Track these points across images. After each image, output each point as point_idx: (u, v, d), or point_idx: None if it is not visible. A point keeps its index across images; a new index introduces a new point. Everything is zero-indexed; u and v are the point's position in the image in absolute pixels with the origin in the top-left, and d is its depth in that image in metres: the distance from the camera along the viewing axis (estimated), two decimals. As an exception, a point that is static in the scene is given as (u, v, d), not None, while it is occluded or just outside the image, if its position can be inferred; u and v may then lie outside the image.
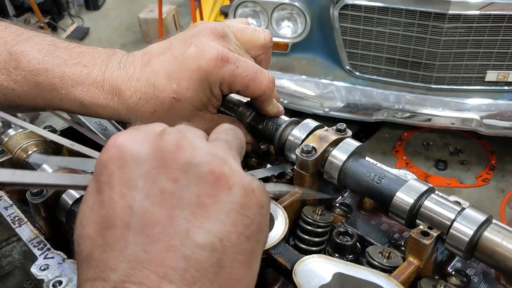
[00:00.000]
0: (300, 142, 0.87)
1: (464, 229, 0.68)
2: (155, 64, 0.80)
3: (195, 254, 0.45)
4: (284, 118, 0.95)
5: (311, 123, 0.90)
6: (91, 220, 0.47)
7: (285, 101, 3.54)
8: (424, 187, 0.75)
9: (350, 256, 0.81)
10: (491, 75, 3.20)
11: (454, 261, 0.80)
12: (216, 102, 0.87)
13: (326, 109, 3.52)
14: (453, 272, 0.78)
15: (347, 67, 3.44)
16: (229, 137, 0.56)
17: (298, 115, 3.72)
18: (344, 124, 0.88)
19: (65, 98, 0.83)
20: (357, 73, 3.45)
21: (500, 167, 3.87)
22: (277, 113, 0.94)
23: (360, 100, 3.47)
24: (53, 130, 1.00)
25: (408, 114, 3.41)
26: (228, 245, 0.46)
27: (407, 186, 0.76)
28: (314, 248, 0.82)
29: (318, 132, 0.87)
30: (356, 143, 0.85)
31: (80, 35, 6.50)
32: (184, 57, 0.79)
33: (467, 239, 0.68)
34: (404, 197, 0.75)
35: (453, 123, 3.35)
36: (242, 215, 0.48)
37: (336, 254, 0.81)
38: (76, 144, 0.75)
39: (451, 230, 0.70)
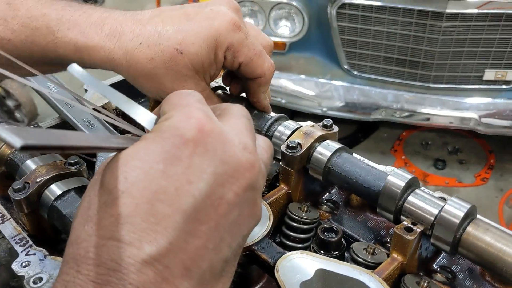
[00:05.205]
0: (286, 138, 0.86)
1: (447, 224, 0.68)
2: (165, 15, 0.81)
3: (216, 263, 0.48)
4: (272, 114, 0.94)
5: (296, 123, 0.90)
6: (142, 183, 0.45)
7: (283, 101, 3.53)
8: (408, 181, 0.74)
9: (335, 253, 0.80)
10: (489, 74, 3.18)
11: (439, 258, 0.79)
12: (215, 70, 0.86)
13: (324, 109, 3.51)
14: (438, 269, 0.77)
15: (345, 66, 3.43)
16: (265, 157, 0.58)
17: (296, 114, 3.73)
18: (331, 120, 0.87)
19: (60, 41, 0.82)
20: (355, 72, 3.44)
21: (499, 166, 3.85)
22: (266, 107, 0.94)
23: (358, 100, 3.45)
24: (37, 127, 0.99)
25: (406, 114, 3.39)
26: (235, 254, 0.52)
27: (392, 180, 0.75)
28: (299, 245, 0.82)
29: (304, 128, 0.86)
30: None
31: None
32: (197, 15, 0.81)
33: (451, 235, 0.67)
34: (391, 193, 0.74)
35: (452, 122, 3.33)
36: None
37: (321, 251, 0.80)
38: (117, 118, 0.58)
39: (434, 226, 0.69)
